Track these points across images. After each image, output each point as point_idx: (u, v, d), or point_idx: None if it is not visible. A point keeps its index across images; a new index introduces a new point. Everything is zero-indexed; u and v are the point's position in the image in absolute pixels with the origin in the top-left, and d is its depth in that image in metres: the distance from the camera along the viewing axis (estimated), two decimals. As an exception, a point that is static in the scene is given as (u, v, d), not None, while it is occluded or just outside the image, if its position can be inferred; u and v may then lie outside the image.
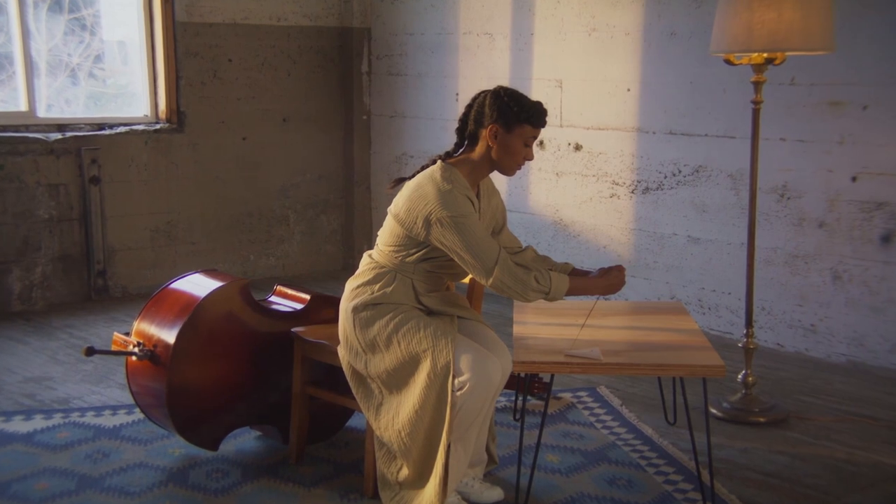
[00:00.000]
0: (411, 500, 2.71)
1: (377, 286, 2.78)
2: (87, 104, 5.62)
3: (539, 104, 2.74)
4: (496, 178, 2.93)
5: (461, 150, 2.83)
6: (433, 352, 2.65)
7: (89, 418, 3.58)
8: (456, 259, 2.70)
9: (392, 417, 2.71)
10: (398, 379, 2.72)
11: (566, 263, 2.99)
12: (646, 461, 3.20)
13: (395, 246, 2.78)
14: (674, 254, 4.85)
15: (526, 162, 2.79)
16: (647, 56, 4.85)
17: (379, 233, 2.86)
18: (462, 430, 2.67)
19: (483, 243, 2.67)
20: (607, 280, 2.83)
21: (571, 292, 2.78)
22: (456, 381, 2.63)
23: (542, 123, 2.74)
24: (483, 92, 2.78)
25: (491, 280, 2.67)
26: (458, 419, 2.64)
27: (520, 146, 2.73)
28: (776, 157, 4.38)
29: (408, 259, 2.77)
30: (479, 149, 2.76)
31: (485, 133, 2.73)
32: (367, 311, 2.76)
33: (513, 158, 2.74)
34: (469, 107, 2.81)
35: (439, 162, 2.78)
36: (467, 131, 2.80)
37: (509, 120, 2.69)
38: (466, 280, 3.01)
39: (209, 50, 5.68)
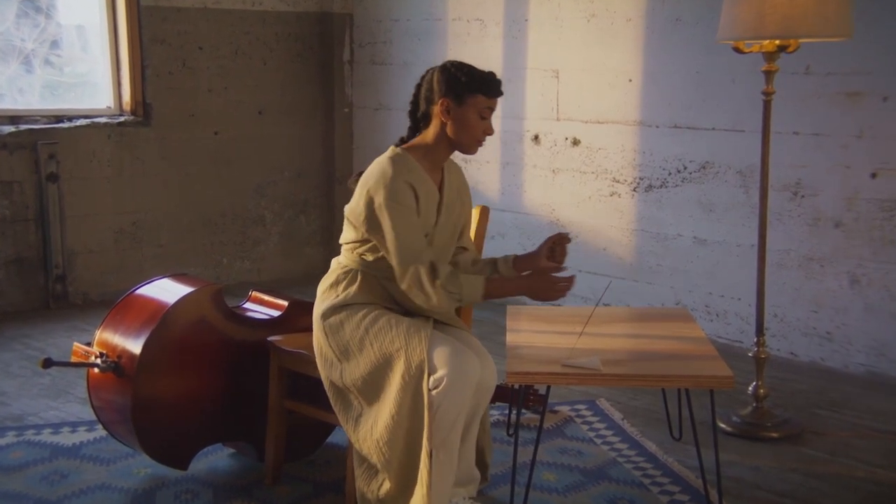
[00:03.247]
0: None
1: (341, 287, 2.81)
2: (42, 94, 5.60)
3: (491, 73, 2.77)
4: (490, 173, 2.94)
5: (417, 135, 2.85)
6: (406, 350, 2.66)
7: (46, 436, 3.56)
8: (381, 248, 2.72)
9: (370, 427, 2.71)
10: (374, 384, 2.72)
11: (506, 257, 2.95)
12: (649, 479, 3.21)
13: (354, 243, 2.82)
14: (679, 256, 4.87)
15: (486, 137, 2.80)
16: (650, 44, 4.87)
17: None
18: (443, 434, 2.65)
19: (410, 237, 2.68)
20: (529, 282, 2.79)
21: (489, 295, 2.74)
22: (431, 378, 2.63)
23: (497, 93, 2.76)
24: (430, 69, 2.82)
25: (405, 279, 2.68)
26: (437, 421, 2.62)
27: (475, 119, 2.74)
28: (789, 152, 4.40)
29: (367, 257, 2.79)
30: (433, 128, 2.79)
31: (436, 110, 2.76)
32: (336, 314, 2.78)
33: (470, 133, 2.76)
34: (418, 86, 2.84)
35: (392, 148, 2.81)
36: (419, 113, 2.83)
37: (460, 92, 2.72)
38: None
39: (177, 36, 5.67)
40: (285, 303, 3.31)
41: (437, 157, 2.82)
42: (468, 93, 2.71)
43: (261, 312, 3.33)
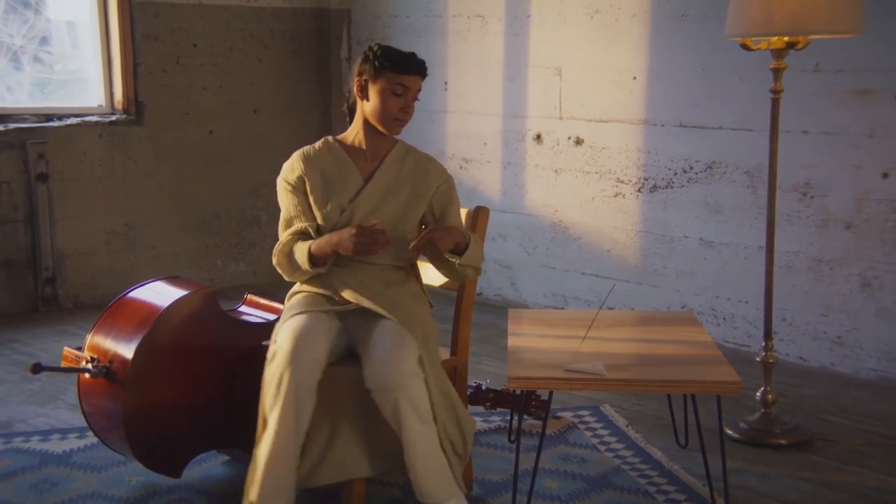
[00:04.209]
0: None
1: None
2: (32, 92, 5.60)
3: (410, 54, 2.88)
4: (491, 173, 2.94)
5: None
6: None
7: (35, 443, 3.56)
8: None
9: None
10: None
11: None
12: (654, 487, 3.21)
13: None
14: (685, 259, 4.87)
15: (406, 116, 2.88)
16: (655, 41, 4.87)
17: None
18: (266, 408, 2.71)
19: (285, 211, 2.97)
20: (339, 237, 2.81)
21: (315, 254, 2.86)
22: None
23: (408, 70, 2.85)
24: None
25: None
26: (264, 395, 2.72)
27: (387, 96, 2.85)
28: (798, 151, 4.40)
29: None
30: (358, 111, 2.95)
31: (356, 91, 2.91)
32: (285, 306, 2.99)
33: (383, 110, 2.86)
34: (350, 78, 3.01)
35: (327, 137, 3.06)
36: (351, 101, 2.98)
37: (372, 70, 2.86)
38: (446, 285, 3.03)
39: (171, 33, 5.67)
40: (281, 306, 3.31)
41: (368, 140, 2.95)
42: (378, 70, 2.85)
43: (256, 316, 3.33)
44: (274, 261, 2.97)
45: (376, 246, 2.76)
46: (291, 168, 2.99)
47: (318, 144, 3.02)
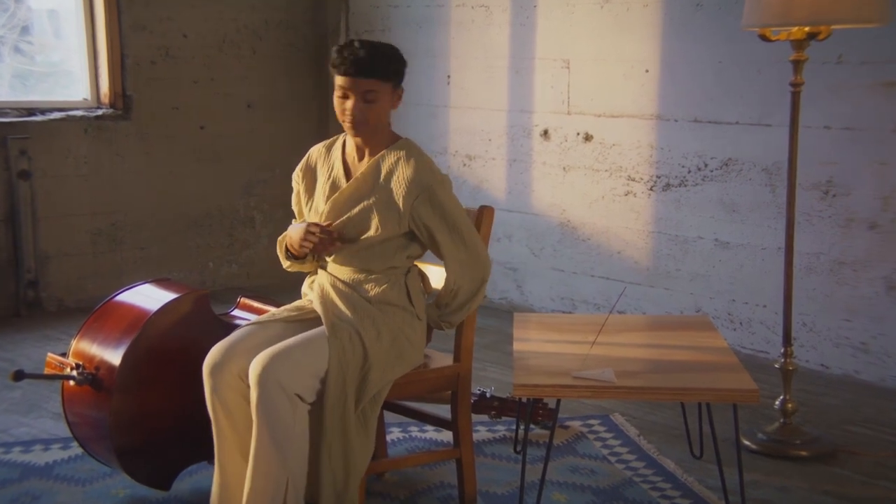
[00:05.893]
0: None
1: None
2: (12, 85, 5.61)
3: (351, 50, 2.79)
4: (495, 171, 2.94)
5: None
6: None
7: (16, 455, 3.56)
8: None
9: None
10: None
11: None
12: (668, 500, 3.21)
13: None
14: (699, 260, 4.87)
15: (346, 119, 2.84)
16: (668, 32, 4.87)
17: None
18: None
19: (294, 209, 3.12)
20: (291, 233, 2.95)
21: (288, 251, 3.01)
22: None
23: (342, 70, 2.79)
24: None
25: None
26: None
27: (336, 98, 2.86)
28: (819, 147, 4.40)
29: None
30: None
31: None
32: None
33: (338, 112, 2.87)
34: None
35: None
36: None
37: (330, 68, 2.86)
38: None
39: (160, 23, 5.68)
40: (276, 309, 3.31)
41: (353, 139, 2.95)
42: (331, 70, 2.84)
43: (250, 320, 3.33)
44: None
45: (320, 247, 2.86)
46: (299, 165, 3.09)
47: (329, 141, 3.08)
